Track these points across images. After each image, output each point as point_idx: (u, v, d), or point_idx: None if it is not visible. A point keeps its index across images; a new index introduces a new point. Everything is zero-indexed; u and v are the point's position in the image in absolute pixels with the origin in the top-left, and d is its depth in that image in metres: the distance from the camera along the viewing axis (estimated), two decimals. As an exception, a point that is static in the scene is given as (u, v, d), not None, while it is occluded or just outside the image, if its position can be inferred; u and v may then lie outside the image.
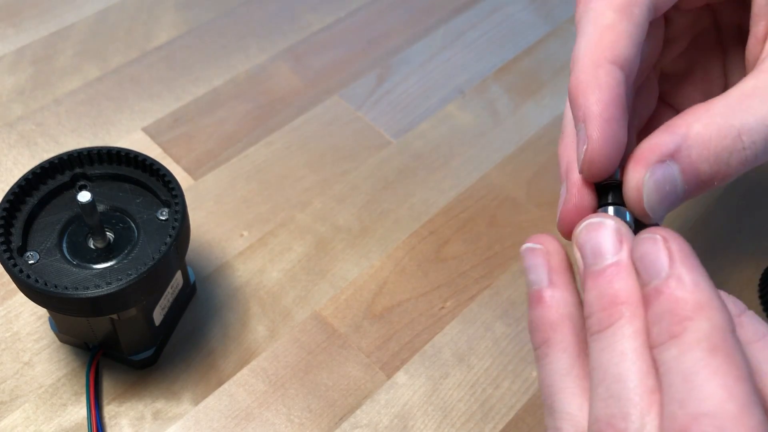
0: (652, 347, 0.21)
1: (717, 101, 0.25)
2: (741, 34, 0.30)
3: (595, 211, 0.25)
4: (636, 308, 0.22)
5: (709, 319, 0.20)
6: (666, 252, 0.22)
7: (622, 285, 0.22)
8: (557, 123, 0.48)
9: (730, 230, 0.43)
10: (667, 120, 0.25)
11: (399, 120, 0.48)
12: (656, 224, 0.25)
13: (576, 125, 0.25)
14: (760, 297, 0.40)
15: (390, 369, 0.37)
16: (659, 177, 0.24)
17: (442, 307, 0.40)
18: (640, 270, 0.22)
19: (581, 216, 0.25)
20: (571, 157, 0.26)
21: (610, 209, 0.25)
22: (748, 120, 0.24)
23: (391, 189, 0.44)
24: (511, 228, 0.43)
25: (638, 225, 0.25)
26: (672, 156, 0.24)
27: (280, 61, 0.50)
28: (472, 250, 0.42)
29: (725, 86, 0.32)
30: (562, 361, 0.23)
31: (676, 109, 0.33)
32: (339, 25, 0.53)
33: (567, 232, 0.25)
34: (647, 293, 0.22)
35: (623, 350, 0.21)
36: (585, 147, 0.24)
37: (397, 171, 0.45)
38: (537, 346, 0.24)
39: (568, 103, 0.27)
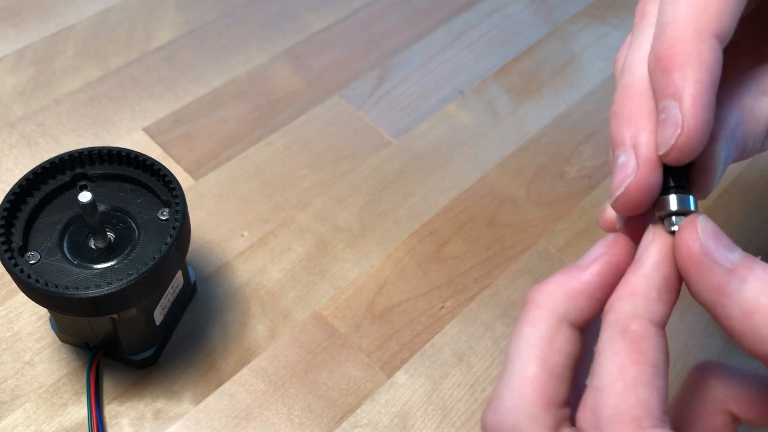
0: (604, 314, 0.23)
1: (761, 76, 0.24)
2: None
3: (660, 190, 0.24)
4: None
5: (633, 305, 0.22)
6: (647, 241, 0.23)
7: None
8: (557, 123, 0.48)
9: (730, 230, 0.43)
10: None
11: (399, 120, 0.48)
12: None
13: (661, 100, 0.22)
14: (760, 297, 0.40)
15: (390, 369, 0.37)
16: (727, 154, 0.23)
17: (442, 307, 0.40)
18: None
19: (650, 195, 0.23)
20: (640, 127, 0.23)
21: (674, 198, 0.23)
22: None
23: (391, 189, 0.44)
24: (511, 228, 0.43)
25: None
26: (734, 131, 0.23)
27: (281, 61, 0.50)
28: (472, 250, 0.42)
29: None
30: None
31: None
32: (339, 25, 0.53)
33: (630, 209, 0.23)
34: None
35: (519, 334, 0.24)
36: (678, 132, 0.22)
37: (397, 171, 0.45)
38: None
39: (625, 70, 0.25)
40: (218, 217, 0.42)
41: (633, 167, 0.23)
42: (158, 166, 0.34)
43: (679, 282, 0.23)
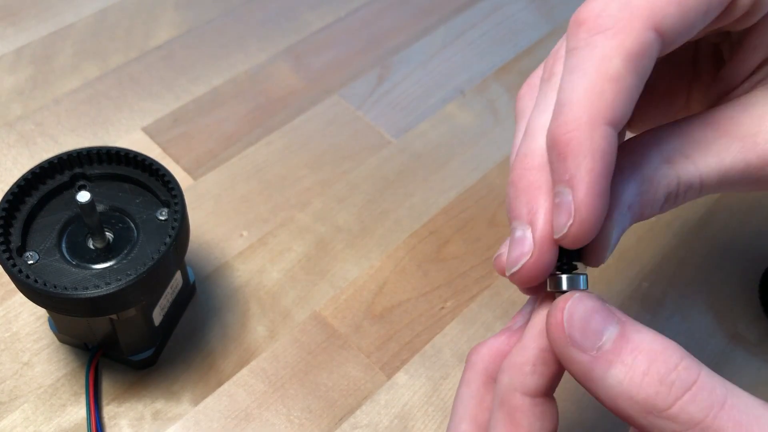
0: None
1: (663, 141, 0.24)
2: (715, 51, 0.29)
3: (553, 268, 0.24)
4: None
5: (509, 377, 0.24)
6: (527, 313, 0.26)
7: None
8: (557, 123, 0.48)
9: (730, 231, 0.43)
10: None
11: (399, 120, 0.48)
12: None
13: (557, 183, 0.23)
14: (761, 298, 0.40)
15: (390, 369, 0.37)
16: (623, 228, 0.24)
17: (442, 308, 0.39)
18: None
19: (543, 272, 0.23)
20: (537, 203, 0.24)
21: (564, 279, 0.24)
22: (689, 169, 0.24)
23: (391, 189, 0.44)
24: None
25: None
26: (629, 206, 0.24)
27: (280, 60, 0.50)
28: (472, 250, 0.42)
29: (686, 102, 0.30)
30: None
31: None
32: (339, 25, 0.53)
33: (526, 285, 0.24)
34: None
35: (457, 392, 0.27)
36: (570, 222, 0.22)
37: (397, 171, 0.45)
38: None
39: (530, 121, 0.25)
40: (217, 217, 0.42)
41: (529, 246, 0.23)
42: (157, 166, 0.34)
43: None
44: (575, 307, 0.22)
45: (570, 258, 0.24)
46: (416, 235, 0.42)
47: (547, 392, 0.23)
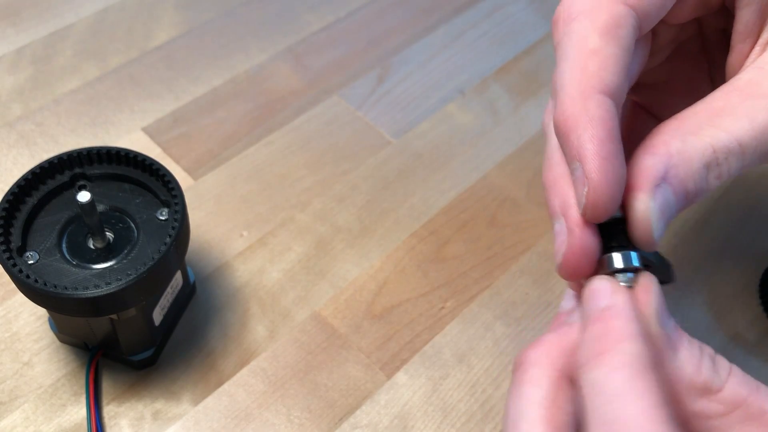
0: (578, 368, 0.22)
1: (687, 117, 0.24)
2: (726, 38, 0.29)
3: (600, 252, 0.24)
4: (549, 361, 0.23)
5: (637, 346, 0.21)
6: (611, 290, 0.23)
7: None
8: (557, 123, 0.48)
9: (730, 230, 0.43)
10: (645, 128, 0.24)
11: (399, 120, 0.48)
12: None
13: (570, 163, 0.23)
14: (760, 298, 0.40)
15: (390, 369, 0.37)
16: (661, 201, 0.23)
17: (442, 308, 0.39)
18: (584, 303, 0.23)
19: (587, 258, 0.23)
20: (565, 193, 0.24)
21: (617, 256, 0.23)
22: (721, 137, 0.23)
23: (391, 189, 0.44)
24: (511, 228, 0.43)
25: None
26: (664, 178, 0.23)
27: (280, 61, 0.50)
28: (472, 250, 0.42)
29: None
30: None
31: (658, 119, 0.31)
32: (339, 25, 0.53)
33: (573, 275, 0.24)
34: (585, 321, 0.23)
35: (519, 395, 0.23)
36: (585, 190, 0.22)
37: (397, 171, 0.45)
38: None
39: (551, 129, 0.25)
40: (217, 217, 0.42)
41: (565, 234, 0.24)
42: (157, 166, 0.34)
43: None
44: (657, 290, 0.23)
45: (617, 239, 0.24)
46: (416, 235, 0.42)
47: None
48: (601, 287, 0.23)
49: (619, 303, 0.22)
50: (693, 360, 0.21)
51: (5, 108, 0.46)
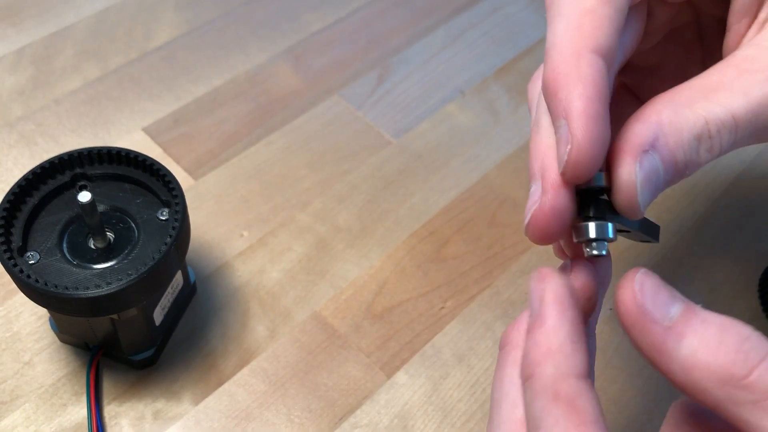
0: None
1: (681, 90, 0.24)
2: (722, 27, 0.28)
3: (573, 218, 0.24)
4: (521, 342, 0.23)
5: (554, 366, 0.21)
6: (539, 292, 0.22)
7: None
8: (557, 123, 0.48)
9: (730, 230, 0.43)
10: (632, 111, 0.24)
11: (399, 120, 0.48)
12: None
13: (555, 121, 0.23)
14: (760, 297, 0.40)
15: (390, 369, 0.37)
16: (647, 168, 0.22)
17: (442, 307, 0.40)
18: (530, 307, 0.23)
19: (557, 220, 0.23)
20: (547, 154, 0.24)
21: (592, 225, 0.23)
22: (715, 109, 0.23)
23: (391, 189, 0.44)
24: (511, 228, 0.43)
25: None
26: (652, 145, 0.23)
27: (280, 61, 0.50)
28: (472, 250, 0.42)
29: None
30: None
31: (641, 101, 0.31)
32: (339, 25, 0.53)
33: (539, 236, 0.24)
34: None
35: (501, 376, 0.23)
36: (569, 147, 0.22)
37: (397, 171, 0.45)
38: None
39: (539, 94, 0.25)
40: (218, 217, 0.42)
41: (539, 194, 0.23)
42: (158, 166, 0.34)
43: (584, 319, 0.23)
44: (644, 280, 0.21)
45: (597, 209, 0.23)
46: (416, 235, 0.42)
47: (589, 371, 0.22)
48: (536, 290, 0.23)
49: (549, 310, 0.22)
50: (707, 345, 0.20)
51: (6, 108, 0.46)
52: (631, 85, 0.32)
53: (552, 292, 0.22)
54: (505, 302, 0.40)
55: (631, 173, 0.22)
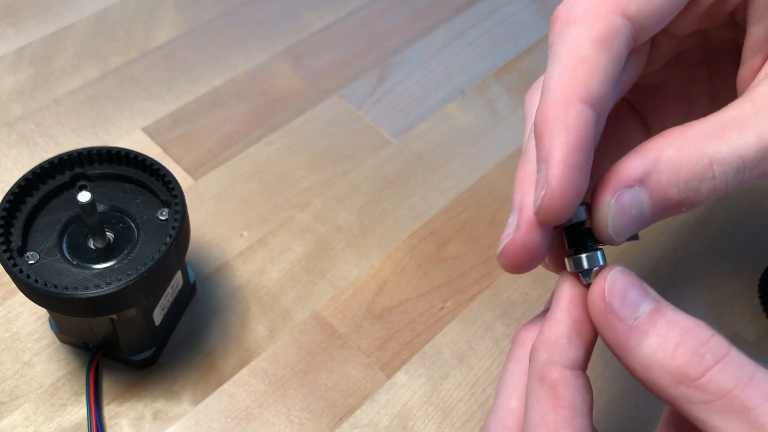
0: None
1: (694, 126, 0.24)
2: (735, 49, 0.28)
3: (543, 250, 0.25)
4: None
5: (547, 353, 0.24)
6: (557, 291, 0.25)
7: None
8: (557, 123, 0.48)
9: (730, 230, 0.43)
10: (632, 130, 0.25)
11: (399, 120, 0.48)
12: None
13: (538, 163, 0.24)
14: (760, 297, 0.40)
15: (390, 369, 0.37)
16: (625, 202, 0.23)
17: (442, 307, 0.40)
18: None
19: (527, 254, 0.24)
20: (527, 190, 0.25)
21: (584, 258, 0.24)
22: (722, 149, 0.23)
23: (391, 189, 0.44)
24: (511, 228, 0.43)
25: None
26: (640, 181, 0.23)
27: (280, 61, 0.50)
28: (472, 250, 0.42)
29: (710, 103, 0.30)
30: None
31: (644, 119, 0.32)
32: (339, 25, 0.53)
33: (510, 267, 0.25)
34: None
35: (505, 370, 0.26)
36: (543, 193, 0.23)
37: (397, 171, 0.45)
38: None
39: (531, 126, 0.26)
40: (218, 217, 0.42)
41: (514, 228, 0.25)
42: (157, 166, 0.34)
43: (591, 324, 0.24)
44: (616, 278, 0.23)
45: (583, 240, 0.25)
46: (416, 235, 0.42)
47: (583, 365, 0.24)
48: (557, 288, 0.25)
49: (557, 307, 0.24)
50: (665, 346, 0.22)
51: (5, 108, 0.46)
52: (634, 102, 0.32)
53: (565, 292, 0.25)
54: (505, 302, 0.40)
55: (604, 205, 0.23)
